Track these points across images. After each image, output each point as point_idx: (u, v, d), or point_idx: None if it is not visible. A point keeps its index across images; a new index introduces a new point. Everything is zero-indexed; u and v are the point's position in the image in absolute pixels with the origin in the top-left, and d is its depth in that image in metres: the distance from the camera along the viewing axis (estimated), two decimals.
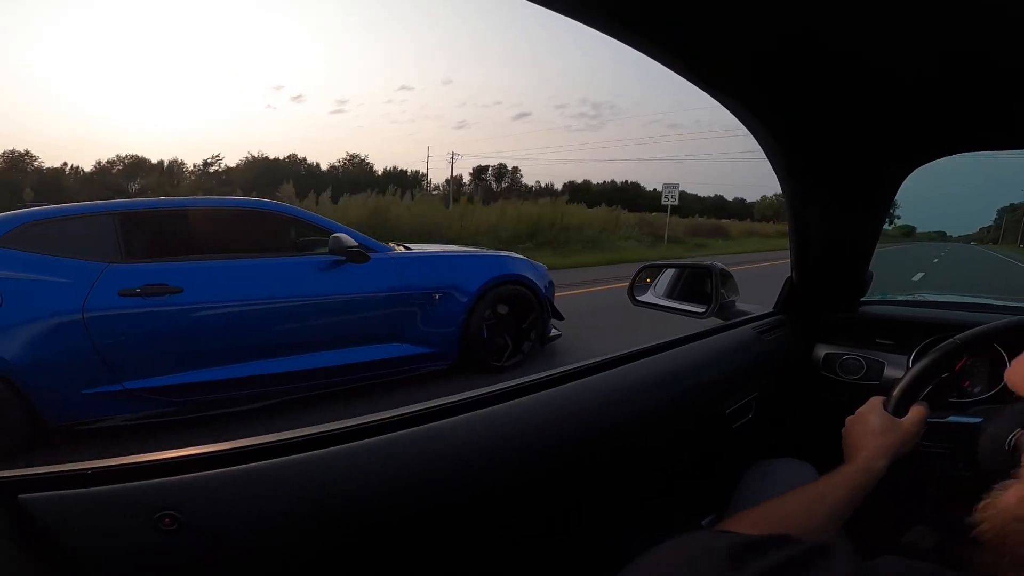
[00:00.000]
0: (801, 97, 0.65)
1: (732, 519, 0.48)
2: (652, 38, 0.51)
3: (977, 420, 0.62)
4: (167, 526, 0.40)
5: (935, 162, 0.85)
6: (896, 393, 0.61)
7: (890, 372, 0.94)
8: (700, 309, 1.10)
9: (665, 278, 1.27)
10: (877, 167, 0.85)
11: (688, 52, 0.54)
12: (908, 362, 0.92)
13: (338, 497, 0.47)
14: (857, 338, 1.01)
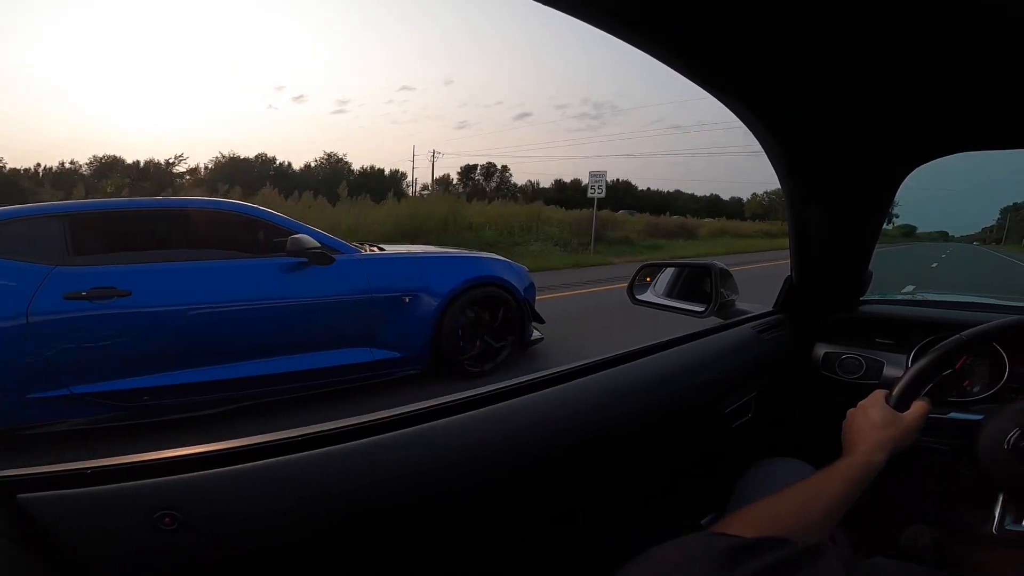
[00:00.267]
0: (801, 96, 0.65)
1: (731, 517, 0.48)
2: (654, 37, 0.51)
3: (978, 417, 0.62)
4: (167, 525, 0.40)
5: (937, 161, 0.84)
6: (899, 387, 0.61)
7: (889, 371, 0.94)
8: (699, 308, 1.10)
9: (664, 277, 1.27)
10: (877, 167, 0.85)
11: (689, 51, 0.54)
12: (907, 361, 0.92)
13: (337, 496, 0.47)
14: (856, 337, 1.01)
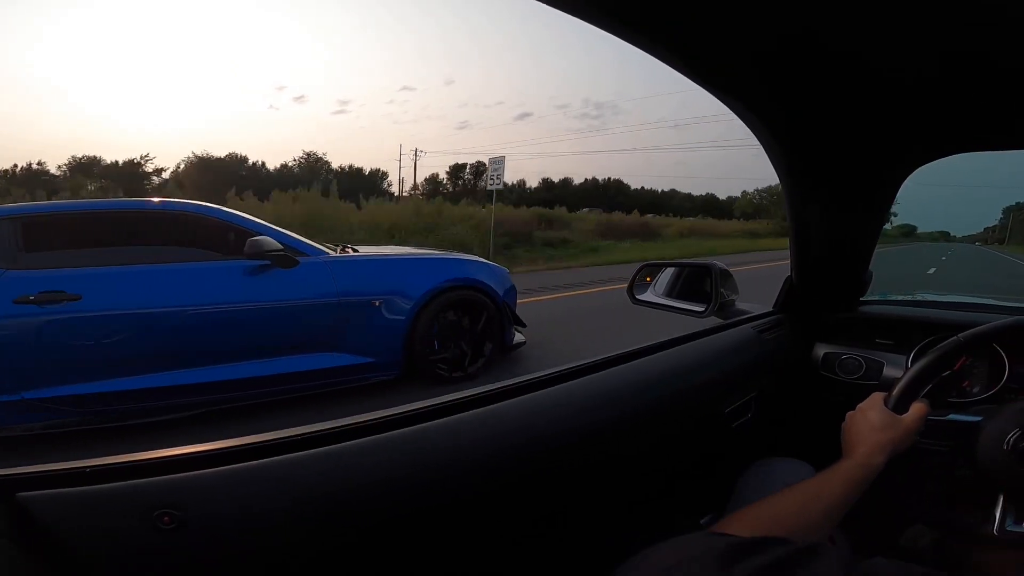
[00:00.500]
0: (802, 96, 0.65)
1: (730, 517, 0.48)
2: (655, 37, 0.51)
3: (976, 419, 0.62)
4: (166, 524, 0.40)
5: (938, 160, 0.84)
6: (898, 389, 0.61)
7: (889, 372, 0.94)
8: (699, 308, 1.10)
9: (664, 277, 1.27)
10: (877, 167, 0.85)
11: (690, 51, 0.54)
12: (907, 362, 0.92)
13: (337, 495, 0.47)
14: (856, 338, 1.01)
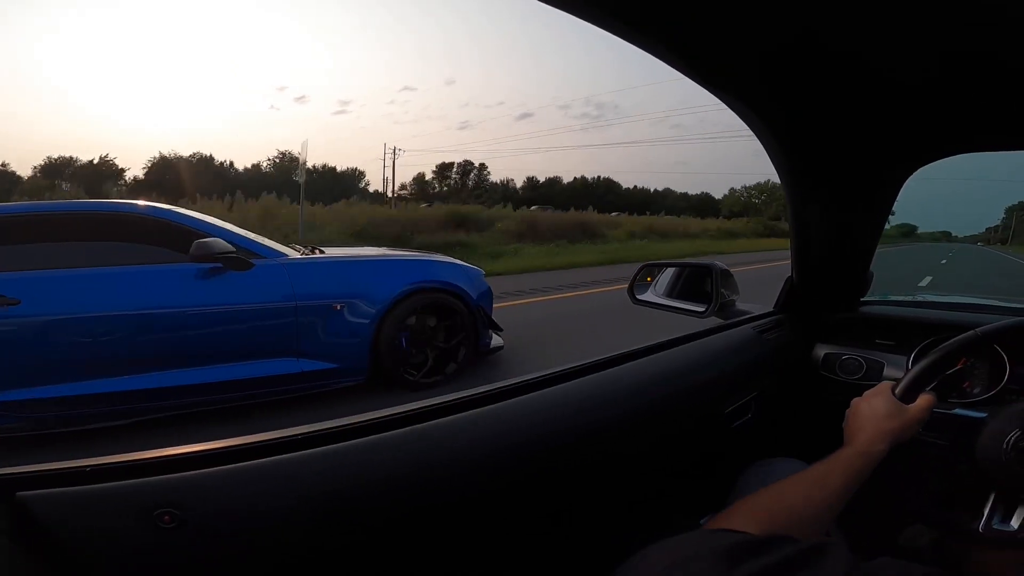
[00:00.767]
0: (803, 96, 0.65)
1: (730, 509, 0.48)
2: (656, 37, 0.51)
3: (981, 415, 0.62)
4: (166, 523, 0.40)
5: (938, 160, 0.84)
6: (907, 379, 0.60)
7: (890, 372, 0.94)
8: (700, 308, 1.10)
9: (665, 277, 1.26)
10: (879, 167, 0.85)
11: (691, 51, 0.54)
12: (908, 363, 0.92)
13: (337, 495, 0.47)
14: (857, 338, 1.01)
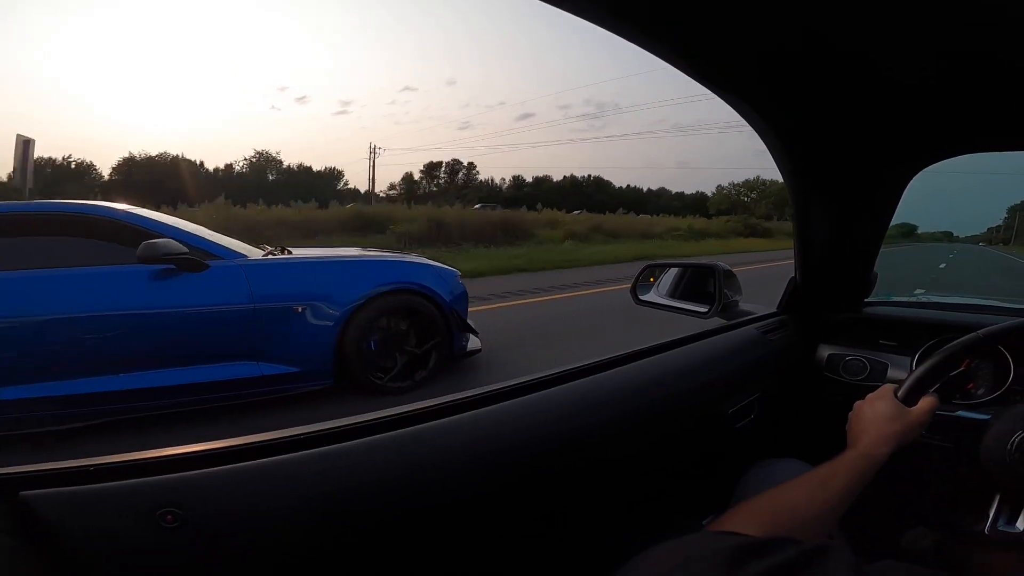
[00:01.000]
0: (807, 97, 0.64)
1: (732, 511, 0.47)
2: (659, 37, 0.51)
3: (985, 417, 0.62)
4: (169, 523, 0.40)
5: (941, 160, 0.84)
6: (909, 382, 0.60)
7: (893, 373, 0.94)
8: (703, 309, 1.09)
9: (668, 277, 1.26)
10: (883, 167, 0.84)
11: (694, 51, 0.54)
12: (912, 363, 0.91)
13: (337, 495, 0.47)
14: (861, 339, 1.01)
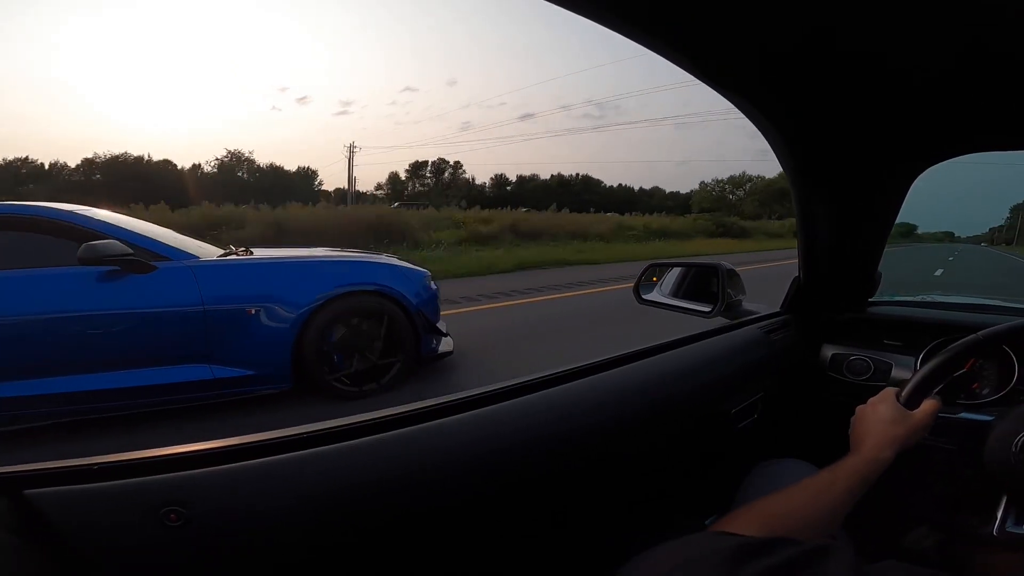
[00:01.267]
0: (810, 96, 0.64)
1: (734, 513, 0.47)
2: (661, 35, 0.50)
3: (988, 418, 0.62)
4: (173, 521, 0.40)
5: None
6: (910, 385, 0.60)
7: (898, 373, 0.94)
8: (706, 308, 1.09)
9: (671, 277, 1.26)
10: (887, 166, 0.84)
11: (698, 49, 0.53)
12: (916, 363, 0.91)
13: (343, 493, 0.47)
14: (865, 339, 1.00)
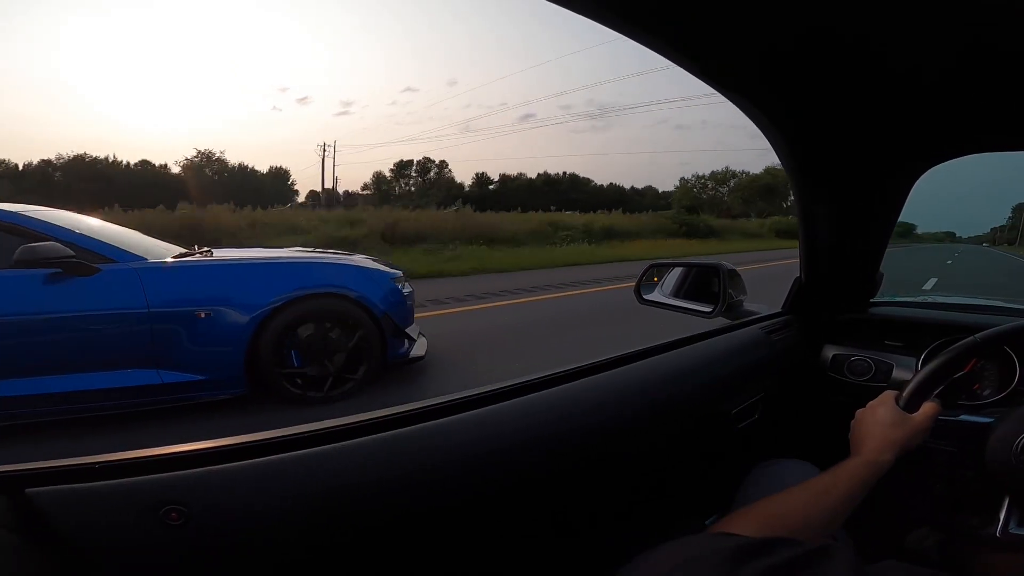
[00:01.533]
0: (812, 95, 0.64)
1: (734, 514, 0.47)
2: (663, 34, 0.50)
3: (988, 420, 0.61)
4: (173, 520, 0.40)
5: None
6: (909, 388, 0.60)
7: (899, 374, 0.94)
8: (707, 308, 1.09)
9: (672, 277, 1.25)
10: (889, 167, 0.84)
11: (699, 49, 0.53)
12: (917, 364, 0.91)
13: (343, 493, 0.47)
14: (866, 339, 1.00)
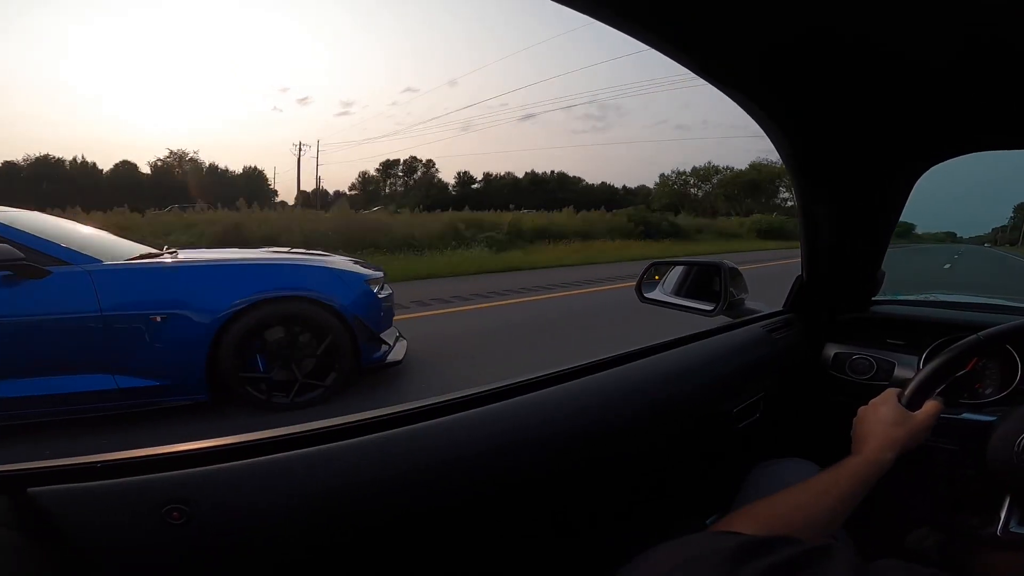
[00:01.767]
0: (813, 93, 0.64)
1: (736, 513, 0.47)
2: (664, 33, 0.50)
3: (990, 419, 0.61)
4: (175, 520, 0.40)
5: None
6: (912, 386, 0.60)
7: (900, 372, 0.93)
8: (709, 307, 1.09)
9: (673, 275, 1.25)
10: (891, 165, 0.84)
11: (700, 47, 0.53)
12: (919, 363, 0.91)
13: (343, 492, 0.47)
14: (868, 338, 1.00)
